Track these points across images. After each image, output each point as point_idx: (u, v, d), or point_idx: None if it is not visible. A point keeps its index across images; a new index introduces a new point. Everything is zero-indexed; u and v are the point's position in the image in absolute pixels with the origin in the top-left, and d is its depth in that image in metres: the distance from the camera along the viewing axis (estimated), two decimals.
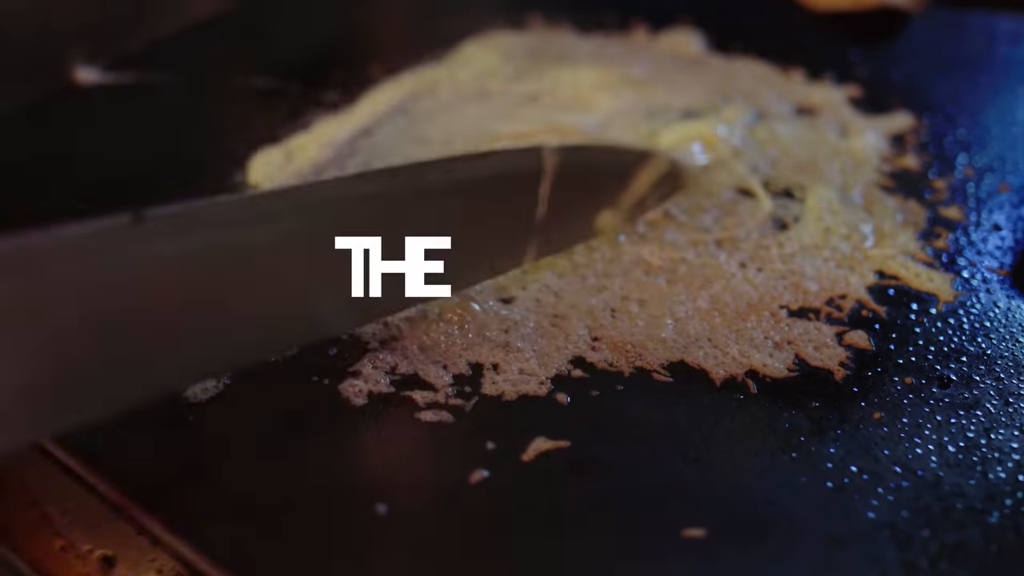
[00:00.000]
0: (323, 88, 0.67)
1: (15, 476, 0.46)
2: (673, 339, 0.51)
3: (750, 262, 0.55)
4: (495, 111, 0.65)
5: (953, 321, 0.52)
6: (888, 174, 0.61)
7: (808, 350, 0.50)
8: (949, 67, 0.71)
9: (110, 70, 0.68)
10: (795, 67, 0.70)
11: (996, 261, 0.55)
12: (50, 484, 0.45)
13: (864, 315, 0.52)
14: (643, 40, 0.72)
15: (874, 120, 0.65)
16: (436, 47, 0.71)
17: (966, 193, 0.60)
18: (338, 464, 0.45)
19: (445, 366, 0.49)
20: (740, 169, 0.61)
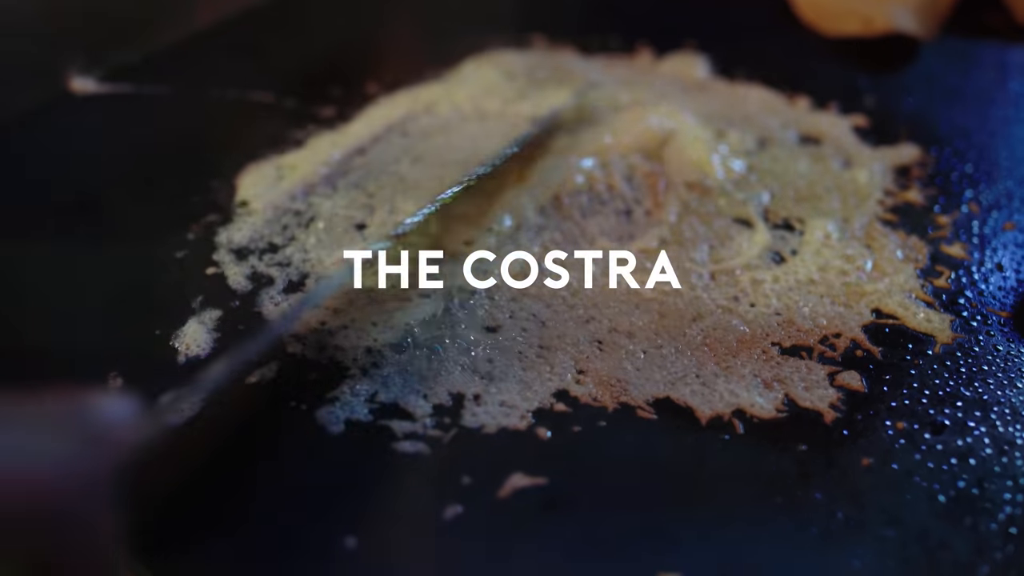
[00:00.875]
0: (319, 104, 0.66)
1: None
2: (660, 374, 0.49)
3: (743, 296, 0.54)
4: (493, 131, 0.64)
5: (950, 364, 0.51)
6: (891, 208, 0.60)
7: (798, 390, 0.49)
8: (959, 98, 0.69)
9: (105, 80, 0.68)
10: (801, 94, 0.68)
11: (997, 302, 0.54)
12: None
13: (858, 355, 0.51)
14: (647, 63, 0.71)
15: (879, 151, 0.64)
16: (437, 65, 0.70)
17: (970, 230, 0.59)
18: (311, 493, 0.44)
19: (425, 395, 0.48)
20: (739, 197, 0.60)
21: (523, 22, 0.74)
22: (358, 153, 0.62)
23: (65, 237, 0.58)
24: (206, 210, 0.58)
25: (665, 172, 0.59)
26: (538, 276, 0.54)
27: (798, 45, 0.74)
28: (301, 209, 0.58)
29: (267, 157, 0.62)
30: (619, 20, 0.75)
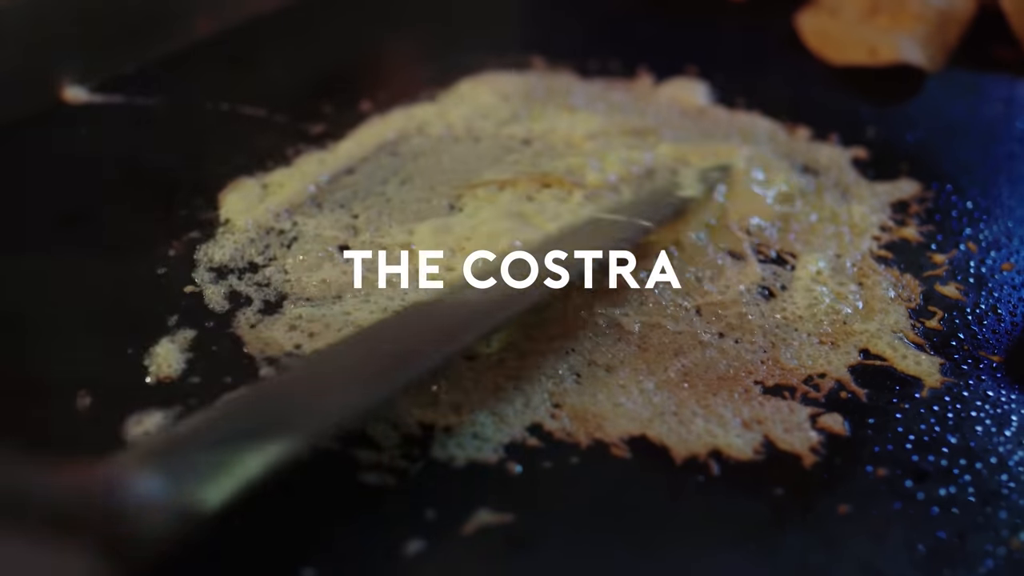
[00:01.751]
0: (311, 121, 0.65)
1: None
2: (637, 411, 0.48)
3: (728, 332, 0.52)
4: (484, 154, 0.63)
5: (937, 409, 0.49)
6: (886, 244, 0.59)
7: (778, 431, 0.47)
8: (964, 133, 0.68)
9: (98, 91, 0.67)
10: (802, 124, 0.67)
11: (990, 346, 0.53)
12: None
13: (842, 397, 0.49)
14: (647, 88, 0.70)
15: (878, 185, 0.63)
16: (432, 84, 0.69)
17: (967, 270, 0.57)
18: (268, 522, 0.43)
19: (395, 425, 0.47)
20: (731, 228, 0.59)
21: (522, 43, 0.73)
22: (346, 172, 0.62)
23: (44, 249, 0.57)
24: (189, 226, 0.58)
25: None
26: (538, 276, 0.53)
27: (801, 74, 0.73)
28: (284, 228, 0.58)
29: (254, 173, 0.61)
30: (620, 44, 0.74)
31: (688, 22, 0.79)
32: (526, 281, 0.49)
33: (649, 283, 0.54)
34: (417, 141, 0.64)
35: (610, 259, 0.52)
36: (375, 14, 0.77)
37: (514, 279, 0.50)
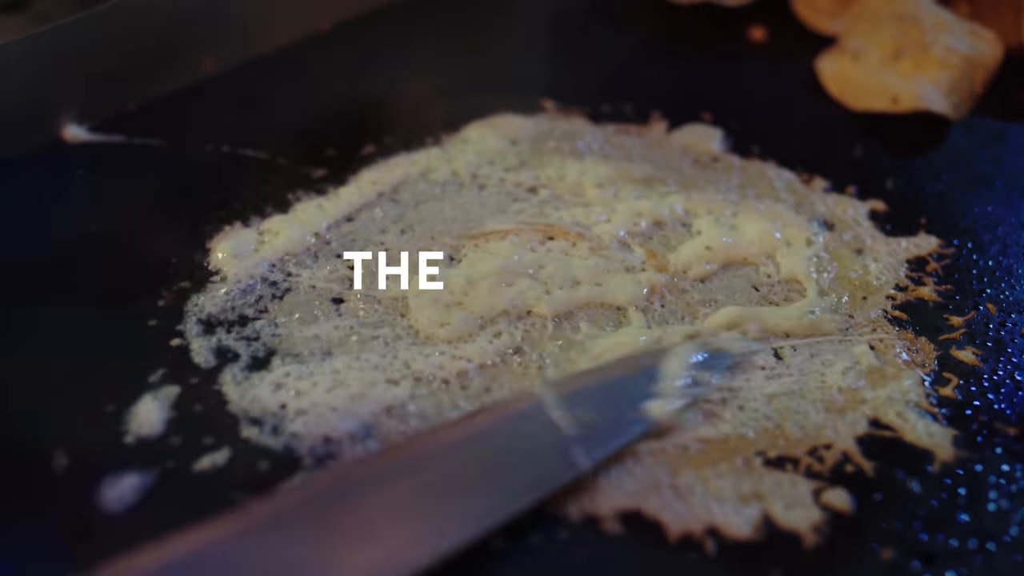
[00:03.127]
0: (312, 165, 0.64)
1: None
2: (632, 483, 0.46)
3: (731, 398, 0.50)
4: (488, 202, 0.62)
5: (949, 483, 0.47)
6: (901, 305, 0.56)
7: (778, 507, 0.45)
8: (987, 185, 0.65)
9: (98, 130, 0.66)
10: (818, 174, 0.65)
11: (1007, 418, 0.50)
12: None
13: (848, 470, 0.47)
14: (659, 134, 0.68)
15: (896, 241, 0.60)
16: (439, 128, 0.67)
17: (985, 334, 0.55)
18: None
19: None
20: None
21: (534, 86, 0.71)
22: (346, 220, 0.60)
23: (34, 296, 0.56)
24: (181, 274, 0.56)
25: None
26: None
27: (820, 120, 0.71)
28: (278, 280, 0.56)
29: (250, 220, 0.60)
30: (635, 87, 0.72)
31: (707, 64, 0.77)
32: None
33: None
34: (420, 187, 0.63)
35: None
36: (384, 55, 0.75)
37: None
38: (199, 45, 0.71)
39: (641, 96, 0.71)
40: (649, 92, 0.72)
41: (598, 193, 0.62)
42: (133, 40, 0.68)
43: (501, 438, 0.47)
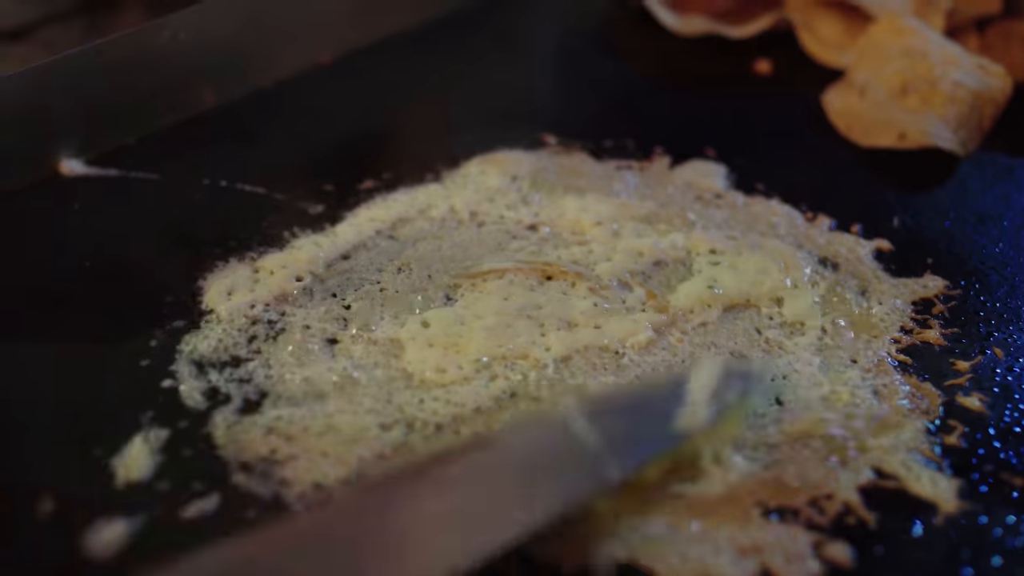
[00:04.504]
0: (310, 200, 0.63)
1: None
2: (627, 533, 0.45)
3: (732, 446, 0.49)
4: (487, 240, 0.61)
5: (953, 536, 0.46)
6: (906, 348, 0.55)
7: (777, 561, 0.44)
8: (995, 223, 0.64)
9: (95, 164, 0.66)
10: (823, 212, 0.64)
11: (1013, 468, 0.49)
12: None
13: (849, 522, 0.46)
14: (662, 170, 0.67)
15: (901, 282, 0.59)
16: (439, 163, 0.66)
17: (992, 379, 0.53)
18: None
19: None
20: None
21: (535, 121, 0.71)
22: (342, 258, 0.59)
23: (26, 333, 0.55)
24: (174, 313, 0.56)
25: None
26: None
27: (825, 156, 0.70)
28: (273, 319, 0.55)
29: (245, 257, 0.59)
30: (637, 121, 0.72)
31: (711, 97, 0.76)
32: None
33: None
34: (419, 225, 0.62)
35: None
36: (384, 88, 0.75)
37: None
38: (199, 79, 0.71)
39: (644, 131, 0.70)
40: (652, 126, 0.71)
41: (598, 231, 0.62)
42: (133, 73, 0.68)
43: (527, 451, 0.47)
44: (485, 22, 0.83)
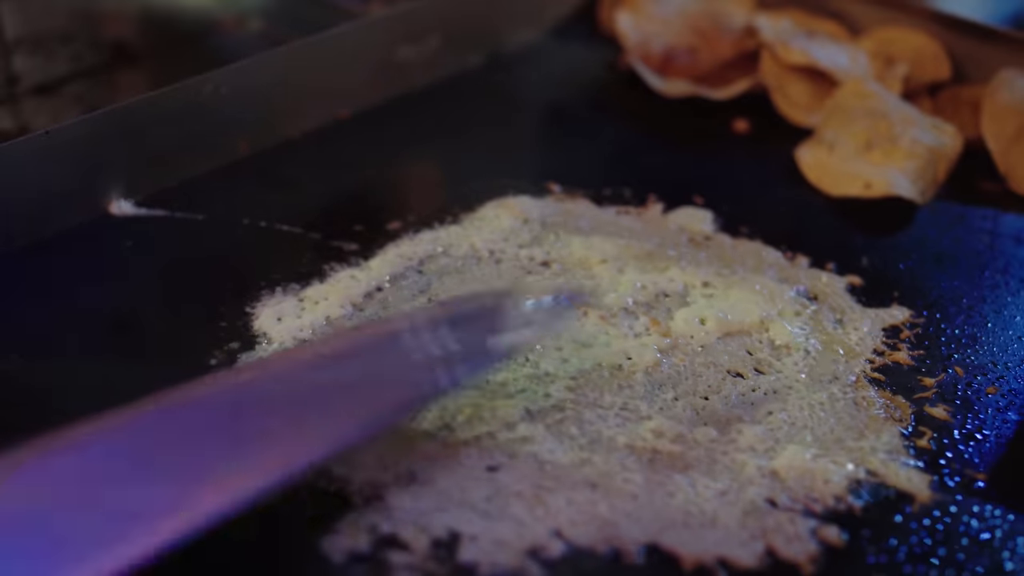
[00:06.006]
0: (343, 239, 0.70)
1: None
2: (649, 520, 0.52)
3: (732, 448, 0.56)
4: (505, 274, 0.68)
5: (928, 523, 0.53)
6: (879, 367, 0.63)
7: (779, 542, 0.51)
8: (951, 262, 0.72)
9: (143, 205, 0.72)
10: (801, 252, 0.72)
11: (976, 466, 0.56)
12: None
13: (840, 509, 0.53)
14: (657, 216, 0.75)
15: (872, 312, 0.67)
16: (456, 208, 0.74)
17: (955, 393, 0.61)
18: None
19: (424, 529, 0.51)
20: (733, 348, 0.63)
21: (540, 171, 0.78)
22: (376, 289, 0.66)
23: (92, 357, 0.61)
24: (229, 337, 0.62)
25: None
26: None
27: (800, 204, 0.78)
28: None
29: (290, 288, 0.66)
30: (631, 173, 0.79)
31: (696, 152, 0.85)
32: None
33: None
34: (443, 261, 0.69)
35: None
36: (399, 141, 0.82)
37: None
38: (235, 128, 0.77)
39: (638, 180, 0.78)
40: (645, 177, 0.79)
41: (603, 268, 0.69)
42: (179, 122, 0.74)
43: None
44: (487, 84, 0.91)
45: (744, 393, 0.60)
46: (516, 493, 0.53)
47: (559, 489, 0.53)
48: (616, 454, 0.55)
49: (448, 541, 0.50)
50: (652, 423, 0.57)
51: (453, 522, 0.51)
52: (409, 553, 0.49)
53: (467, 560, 0.49)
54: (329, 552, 0.49)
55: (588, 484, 0.54)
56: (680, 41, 0.92)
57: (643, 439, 0.56)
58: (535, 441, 0.56)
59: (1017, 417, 0.60)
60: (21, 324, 0.63)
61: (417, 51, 0.88)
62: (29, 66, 0.93)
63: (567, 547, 0.50)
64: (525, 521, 0.51)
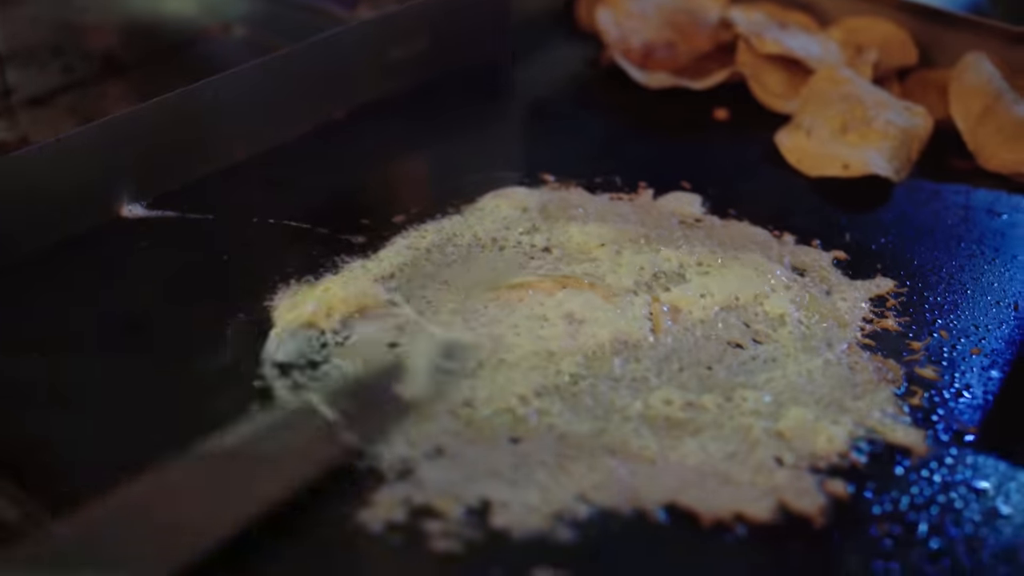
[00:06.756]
0: (351, 232, 0.73)
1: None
2: (667, 481, 0.55)
3: (737, 412, 0.60)
4: (510, 260, 0.71)
5: (926, 474, 0.57)
6: (869, 334, 0.66)
7: (790, 496, 0.55)
8: (929, 235, 0.76)
9: (154, 207, 0.74)
10: (786, 230, 0.75)
11: (966, 419, 0.60)
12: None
13: (844, 465, 0.57)
14: (647, 201, 0.78)
15: (858, 283, 0.71)
16: (457, 199, 0.76)
17: (941, 354, 0.65)
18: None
19: (457, 498, 0.53)
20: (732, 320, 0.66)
21: (534, 163, 0.81)
22: (388, 277, 0.69)
23: (115, 354, 0.64)
24: (250, 328, 0.64)
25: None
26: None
27: (783, 186, 0.82)
28: (336, 329, 0.64)
29: (304, 280, 0.68)
30: (620, 162, 0.82)
31: (679, 141, 0.88)
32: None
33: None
34: (448, 250, 0.72)
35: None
36: (395, 139, 0.84)
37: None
38: (235, 133, 0.80)
39: (627, 168, 0.81)
40: (633, 165, 0.82)
41: (602, 251, 0.72)
42: (179, 129, 0.77)
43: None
44: (476, 82, 0.94)
45: (744, 362, 0.64)
46: (540, 462, 0.56)
47: (580, 457, 0.56)
48: (630, 422, 0.59)
49: (480, 509, 0.53)
50: (661, 392, 0.61)
51: (483, 491, 0.54)
52: (443, 521, 0.52)
53: (500, 525, 0.52)
54: (368, 523, 0.52)
55: (607, 451, 0.57)
56: (659, 36, 0.95)
57: (654, 408, 0.60)
58: (552, 413, 0.59)
59: (1000, 375, 0.64)
60: (42, 325, 0.65)
61: (406, 52, 0.90)
62: (22, 79, 0.95)
63: (592, 509, 0.53)
64: (550, 487, 0.54)
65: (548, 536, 0.52)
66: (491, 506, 0.53)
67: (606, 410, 0.59)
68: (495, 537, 0.52)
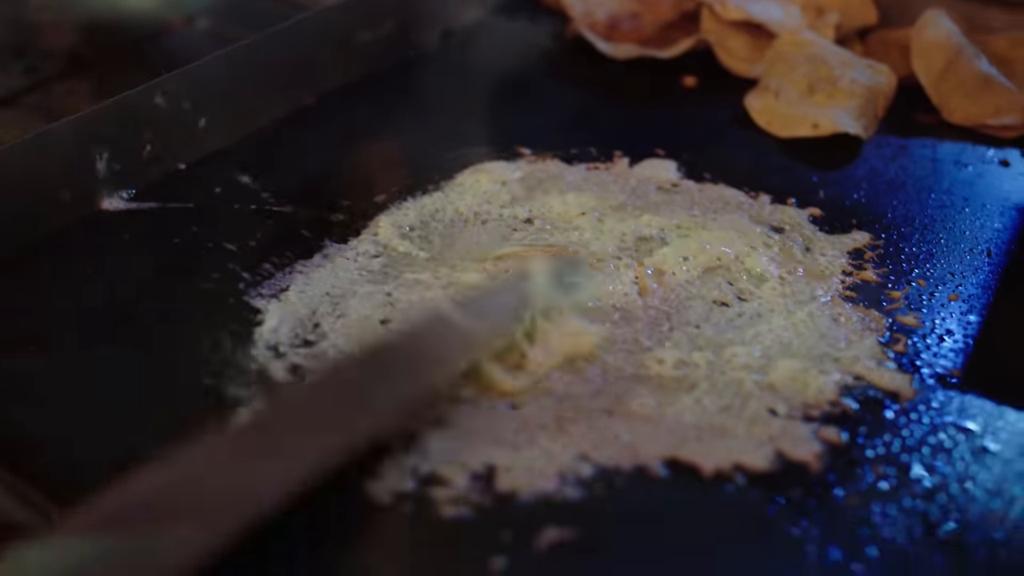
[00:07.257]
0: (336, 212, 0.73)
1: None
2: (665, 437, 0.56)
3: (728, 367, 0.61)
4: (493, 232, 0.72)
5: (914, 417, 0.58)
6: (850, 286, 0.68)
7: (787, 445, 0.56)
8: (900, 189, 0.78)
9: (133, 200, 0.74)
10: (762, 191, 0.77)
11: (949, 362, 0.62)
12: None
13: (836, 412, 0.58)
14: (624, 169, 0.79)
15: (835, 237, 0.72)
16: (436, 176, 0.77)
17: (921, 302, 0.67)
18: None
19: (462, 465, 0.54)
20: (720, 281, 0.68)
21: (508, 137, 0.82)
22: (375, 256, 0.69)
23: (109, 344, 0.63)
24: (239, 312, 0.65)
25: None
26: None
27: (755, 148, 0.83)
28: (328, 310, 0.65)
29: (291, 261, 0.68)
30: (594, 132, 0.84)
31: (649, 109, 0.89)
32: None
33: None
34: (432, 226, 0.72)
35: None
36: (369, 121, 0.85)
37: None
38: (208, 123, 0.80)
39: (601, 139, 0.82)
40: (607, 135, 0.83)
41: (584, 219, 0.73)
42: (153, 121, 0.77)
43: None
44: (444, 61, 0.95)
45: (731, 319, 0.65)
46: (540, 426, 0.57)
47: (578, 418, 0.57)
48: (625, 382, 0.60)
49: (485, 474, 0.54)
50: (654, 353, 0.62)
51: (487, 456, 0.55)
52: (450, 488, 0.53)
53: (505, 488, 0.53)
54: (377, 494, 0.53)
55: (604, 411, 0.58)
56: (622, 8, 0.96)
57: (647, 367, 0.61)
58: (549, 378, 0.60)
59: (979, 319, 0.66)
60: (28, 319, 0.65)
61: (373, 35, 0.91)
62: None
63: (595, 468, 0.54)
64: (552, 450, 0.55)
65: (554, 496, 0.53)
66: (496, 471, 0.54)
67: (601, 372, 0.60)
68: (502, 500, 0.53)
